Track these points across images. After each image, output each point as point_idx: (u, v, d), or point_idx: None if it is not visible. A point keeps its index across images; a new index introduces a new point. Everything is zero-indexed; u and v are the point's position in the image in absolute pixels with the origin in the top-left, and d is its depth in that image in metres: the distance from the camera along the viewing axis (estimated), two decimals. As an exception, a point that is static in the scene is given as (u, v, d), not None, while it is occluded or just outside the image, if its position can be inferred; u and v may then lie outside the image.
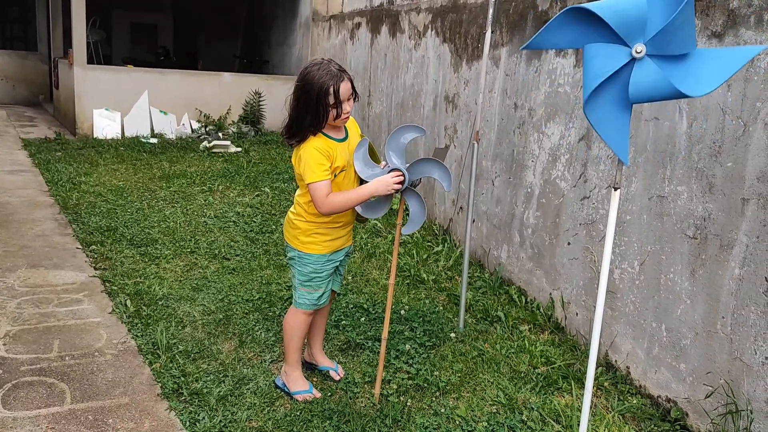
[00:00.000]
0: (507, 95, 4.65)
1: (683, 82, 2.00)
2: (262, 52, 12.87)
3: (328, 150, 2.73)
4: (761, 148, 2.71)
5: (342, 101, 2.69)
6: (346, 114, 2.74)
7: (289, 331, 3.06)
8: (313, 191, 2.71)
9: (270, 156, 8.79)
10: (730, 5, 2.87)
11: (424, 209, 2.84)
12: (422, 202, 2.84)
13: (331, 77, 2.65)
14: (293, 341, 3.06)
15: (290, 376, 3.10)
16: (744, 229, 2.78)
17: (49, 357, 3.32)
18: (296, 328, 3.04)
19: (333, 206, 2.73)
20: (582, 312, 3.82)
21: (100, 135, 9.23)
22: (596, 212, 3.71)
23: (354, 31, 8.17)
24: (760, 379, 2.71)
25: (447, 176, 2.75)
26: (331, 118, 2.71)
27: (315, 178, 2.69)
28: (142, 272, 4.47)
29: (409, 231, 2.88)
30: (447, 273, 4.84)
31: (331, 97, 2.65)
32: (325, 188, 2.70)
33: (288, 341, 3.07)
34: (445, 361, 3.51)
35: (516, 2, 4.53)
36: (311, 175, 2.69)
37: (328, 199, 2.70)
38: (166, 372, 3.22)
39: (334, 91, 2.65)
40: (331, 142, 2.77)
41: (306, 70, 2.71)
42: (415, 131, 2.84)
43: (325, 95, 2.64)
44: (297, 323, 3.03)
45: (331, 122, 2.75)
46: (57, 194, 6.30)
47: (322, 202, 2.70)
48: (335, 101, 2.66)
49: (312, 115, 2.69)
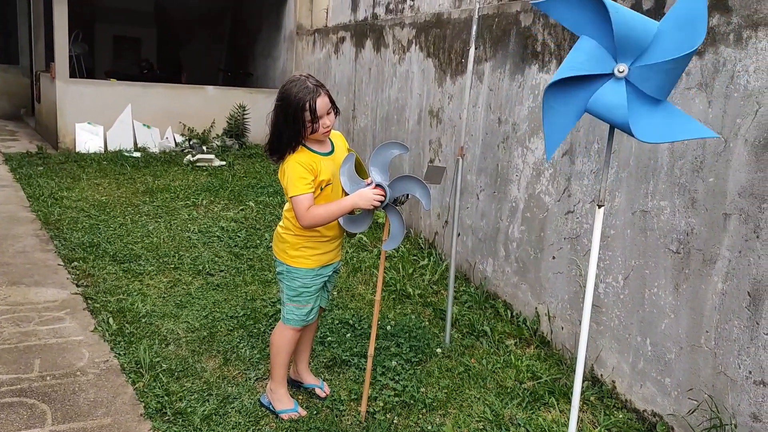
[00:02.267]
0: (491, 110, 4.67)
1: (637, 122, 2.06)
2: (246, 64, 12.86)
3: (311, 164, 2.75)
4: (742, 164, 2.74)
5: (320, 116, 2.72)
6: (325, 128, 2.76)
7: (276, 348, 3.04)
8: (294, 204, 2.73)
9: (254, 169, 8.76)
10: (710, 23, 2.91)
11: (402, 226, 2.85)
12: (401, 219, 2.85)
13: (308, 93, 2.69)
14: (280, 357, 3.04)
15: (276, 393, 3.08)
16: (726, 244, 2.81)
17: (29, 377, 3.26)
18: (284, 345, 3.02)
19: (314, 219, 2.74)
20: (567, 326, 3.83)
21: (83, 149, 9.15)
22: (580, 226, 3.73)
23: (338, 45, 8.19)
24: (744, 393, 2.73)
25: (427, 194, 2.77)
26: (310, 133, 2.74)
27: (296, 191, 2.71)
28: (125, 289, 4.42)
29: (389, 247, 2.89)
30: (433, 287, 4.84)
31: (308, 113, 2.69)
32: (306, 201, 2.72)
33: (274, 357, 3.05)
34: (432, 377, 3.50)
35: (499, 18, 4.57)
36: (293, 188, 2.72)
37: (309, 212, 2.72)
38: (150, 391, 3.17)
39: (310, 106, 2.68)
40: (314, 156, 2.78)
41: (284, 88, 2.76)
42: (399, 148, 2.86)
43: (302, 111, 2.68)
44: (285, 340, 3.01)
45: (312, 136, 2.77)
46: (38, 210, 6.23)
47: (303, 215, 2.72)
48: (311, 117, 2.70)
49: (290, 131, 2.73)
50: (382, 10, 7.25)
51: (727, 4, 2.82)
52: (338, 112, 2.86)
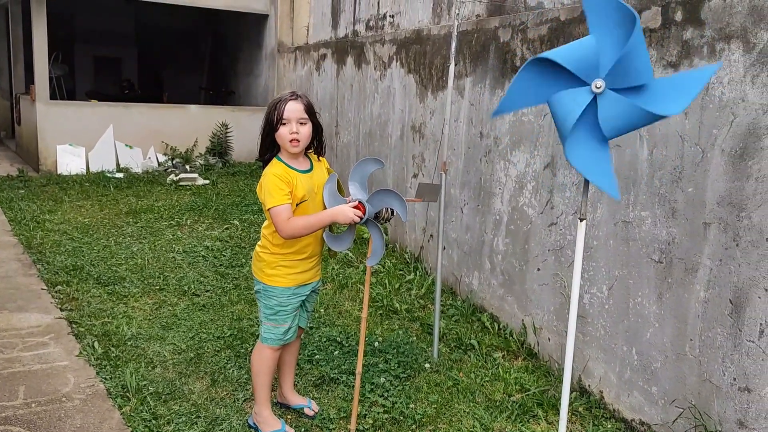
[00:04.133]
0: (472, 124, 4.72)
1: (653, 105, 2.05)
2: (227, 83, 12.87)
3: (287, 177, 2.78)
4: (719, 174, 2.79)
5: (287, 119, 2.78)
6: (293, 133, 2.79)
7: (256, 368, 3.02)
8: (273, 216, 2.75)
9: (238, 188, 8.74)
10: (684, 36, 2.97)
11: (383, 242, 2.87)
12: (382, 235, 2.87)
13: (281, 99, 2.83)
14: (260, 377, 3.02)
15: (260, 416, 3.05)
16: (707, 253, 2.85)
17: (14, 404, 3.22)
18: (263, 365, 3.01)
19: (294, 229, 2.75)
20: (554, 337, 3.85)
21: (65, 171, 9.09)
22: (564, 238, 3.76)
23: (320, 62, 8.23)
24: (729, 400, 2.76)
25: (404, 207, 2.80)
26: (284, 138, 2.79)
27: (274, 202, 2.74)
28: (110, 312, 4.38)
29: (372, 263, 2.90)
30: (419, 302, 4.85)
31: (278, 113, 2.78)
32: (285, 212, 2.74)
33: (255, 378, 3.04)
34: (421, 393, 3.50)
35: (478, 34, 4.63)
36: (270, 199, 2.74)
37: (289, 222, 2.74)
38: (137, 415, 3.15)
39: (280, 108, 2.78)
40: (291, 171, 2.82)
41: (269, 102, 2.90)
42: (375, 164, 2.91)
43: (275, 111, 2.79)
44: (264, 359, 3.00)
45: (285, 146, 2.81)
46: (20, 233, 6.17)
47: (282, 226, 2.74)
48: (279, 118, 2.78)
49: (267, 134, 2.83)
50: (363, 27, 7.30)
51: (700, 18, 2.88)
52: (319, 130, 2.90)
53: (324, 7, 8.49)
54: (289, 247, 2.86)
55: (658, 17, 3.11)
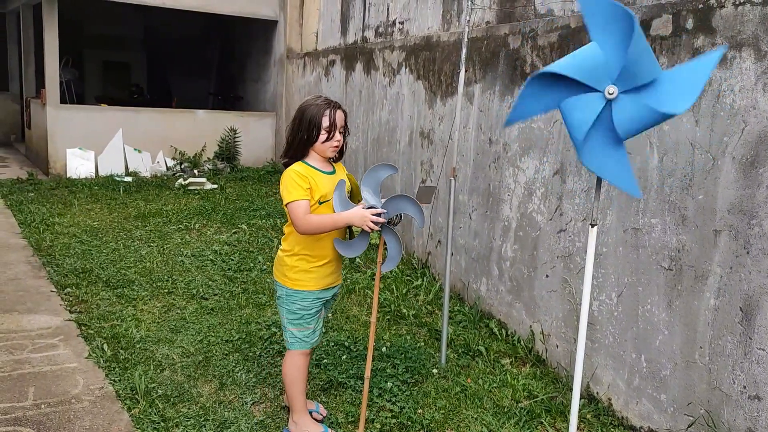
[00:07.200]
0: (481, 130, 4.73)
1: (663, 104, 2.08)
2: (236, 88, 12.93)
3: (308, 176, 2.81)
4: (730, 181, 2.79)
5: (336, 127, 2.82)
6: (336, 142, 2.84)
7: (290, 377, 3.02)
8: (291, 211, 2.78)
9: (246, 192, 8.77)
10: (695, 44, 2.98)
11: (401, 247, 2.87)
12: (399, 240, 2.87)
13: (329, 105, 2.85)
14: (295, 386, 3.02)
15: (300, 424, 3.05)
16: (717, 260, 2.84)
17: (24, 405, 3.24)
18: (297, 372, 3.02)
19: (310, 225, 2.78)
20: (562, 344, 3.85)
21: (74, 174, 9.14)
22: (573, 245, 3.76)
23: (329, 68, 8.26)
24: (739, 408, 2.75)
25: (420, 213, 2.80)
26: (323, 141, 2.81)
27: (292, 197, 2.77)
28: (119, 315, 4.40)
29: (387, 269, 2.91)
30: (427, 307, 4.85)
31: (326, 119, 2.80)
32: (303, 206, 2.77)
33: (290, 388, 3.03)
34: (429, 398, 3.50)
35: (488, 41, 4.64)
36: (288, 195, 2.78)
37: (306, 218, 2.76)
38: (146, 418, 3.16)
39: (330, 114, 2.81)
40: (313, 171, 2.84)
41: (305, 102, 2.90)
42: (389, 169, 2.91)
43: (321, 116, 2.81)
44: (296, 366, 3.01)
45: (319, 149, 2.83)
46: (30, 236, 6.20)
47: (300, 221, 2.76)
48: (329, 124, 2.80)
49: (304, 133, 2.83)
50: (372, 34, 7.33)
51: (712, 26, 2.89)
52: (348, 133, 2.98)
53: (333, 13, 8.53)
54: (309, 249, 2.88)
55: (669, 25, 3.12)
